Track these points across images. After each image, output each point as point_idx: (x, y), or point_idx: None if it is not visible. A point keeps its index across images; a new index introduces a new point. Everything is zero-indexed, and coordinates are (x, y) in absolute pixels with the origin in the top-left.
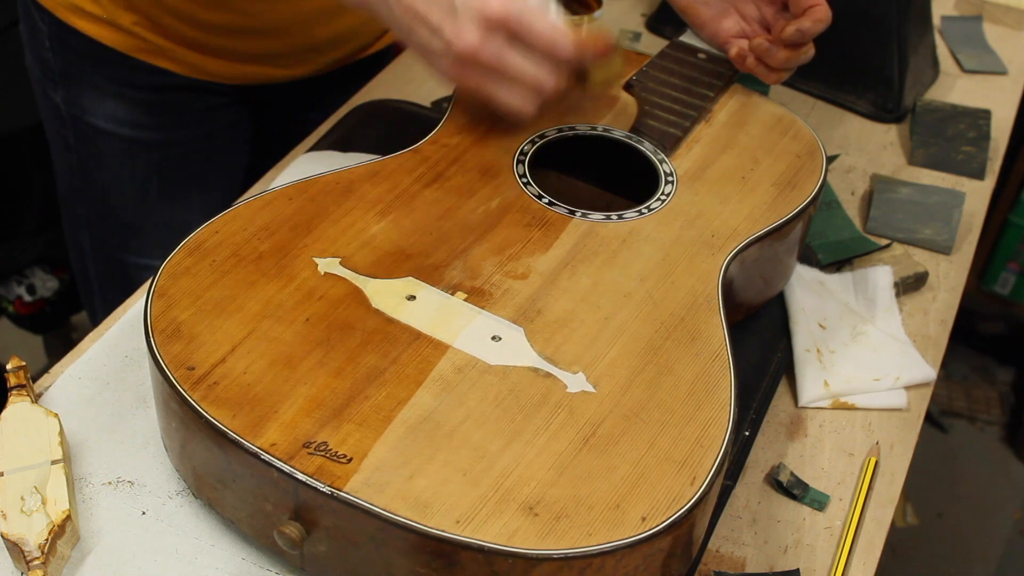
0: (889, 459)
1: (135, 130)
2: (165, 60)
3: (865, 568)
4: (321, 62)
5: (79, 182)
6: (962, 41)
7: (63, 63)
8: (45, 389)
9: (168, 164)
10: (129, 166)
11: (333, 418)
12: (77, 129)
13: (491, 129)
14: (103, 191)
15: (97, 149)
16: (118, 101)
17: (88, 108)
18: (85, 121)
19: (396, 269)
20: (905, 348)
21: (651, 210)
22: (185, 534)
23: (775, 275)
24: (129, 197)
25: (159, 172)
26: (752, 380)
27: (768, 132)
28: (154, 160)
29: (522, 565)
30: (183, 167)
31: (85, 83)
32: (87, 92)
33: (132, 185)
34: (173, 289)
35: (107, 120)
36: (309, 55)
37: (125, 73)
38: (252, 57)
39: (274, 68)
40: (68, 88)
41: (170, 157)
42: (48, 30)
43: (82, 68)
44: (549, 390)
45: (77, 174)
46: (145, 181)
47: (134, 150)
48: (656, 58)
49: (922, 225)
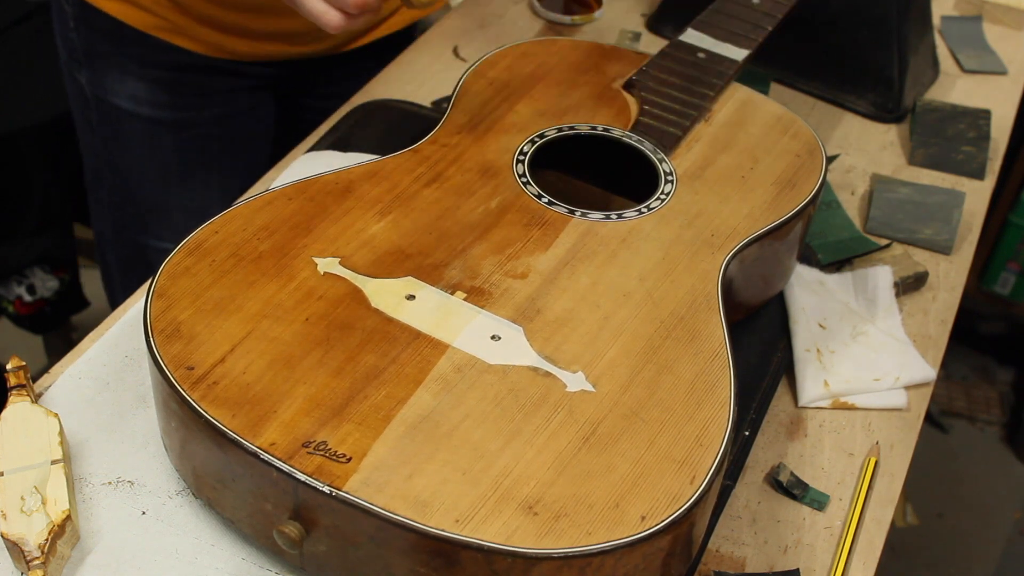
0: (889, 459)
1: (155, 109)
2: (184, 39)
3: (865, 568)
4: (339, 37)
5: (102, 164)
6: (962, 41)
7: (87, 43)
8: (45, 389)
9: (188, 146)
10: (149, 147)
11: (332, 417)
12: (100, 110)
13: (491, 129)
14: (125, 173)
15: (119, 130)
16: (139, 81)
17: (110, 88)
18: (108, 102)
19: (396, 269)
20: (905, 348)
21: (651, 209)
22: (185, 534)
23: (775, 275)
24: (149, 179)
25: (179, 154)
26: (752, 380)
27: (768, 131)
28: (174, 141)
29: (522, 564)
30: (202, 150)
31: (108, 63)
32: (110, 72)
33: (152, 166)
34: (173, 289)
35: (128, 100)
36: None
37: (146, 52)
38: (270, 35)
39: (292, 46)
40: (92, 68)
41: (190, 139)
42: (72, 11)
43: (104, 48)
44: (548, 389)
45: (101, 156)
46: (165, 163)
47: (154, 131)
48: (656, 58)
49: (922, 225)
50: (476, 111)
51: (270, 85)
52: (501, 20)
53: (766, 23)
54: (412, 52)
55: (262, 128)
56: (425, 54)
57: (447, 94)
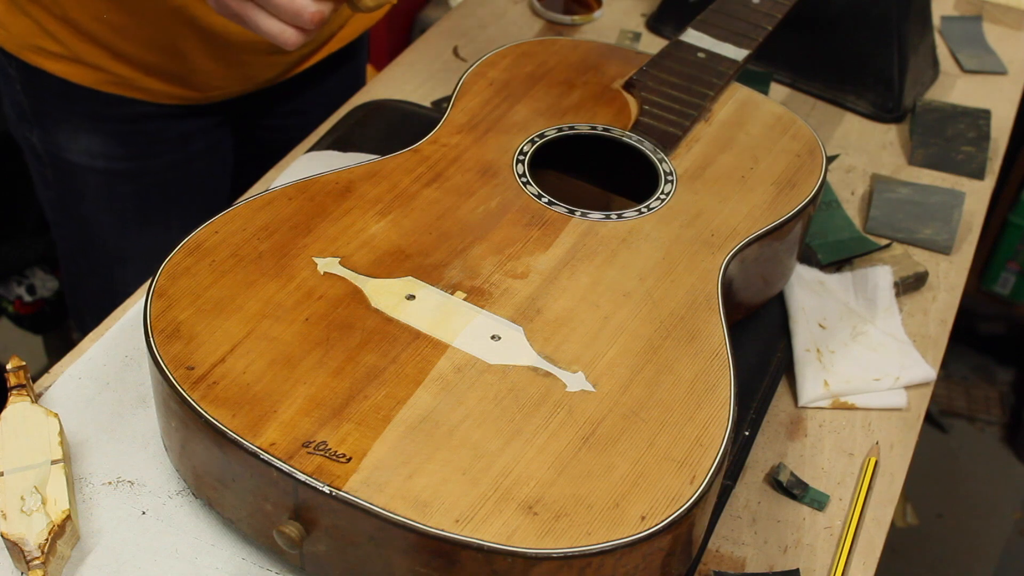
0: (889, 459)
1: (111, 162)
2: (133, 90)
3: (865, 568)
4: (288, 65)
5: (60, 217)
6: (962, 41)
7: (36, 103)
8: (45, 389)
9: (146, 193)
10: (107, 198)
11: (332, 417)
12: (55, 166)
13: (491, 129)
14: (84, 224)
15: (75, 184)
16: (92, 135)
17: (63, 145)
18: (61, 158)
19: (395, 269)
20: (905, 348)
21: (651, 209)
22: (185, 534)
23: (775, 274)
24: (109, 228)
25: (136, 200)
26: (752, 380)
27: (768, 131)
28: (132, 190)
29: (521, 564)
30: (161, 194)
31: (58, 121)
32: (61, 129)
33: (111, 216)
34: (173, 289)
35: (82, 155)
36: (267, 58)
37: (96, 107)
38: (222, 79)
39: (243, 85)
40: (43, 127)
41: (148, 185)
42: (18, 75)
43: (54, 106)
44: (548, 389)
45: (58, 210)
46: (123, 211)
47: (111, 182)
48: (656, 57)
49: (922, 225)
50: (476, 111)
51: (226, 120)
52: (501, 20)
53: (766, 23)
54: (412, 52)
55: (219, 162)
56: (425, 54)
57: (447, 94)
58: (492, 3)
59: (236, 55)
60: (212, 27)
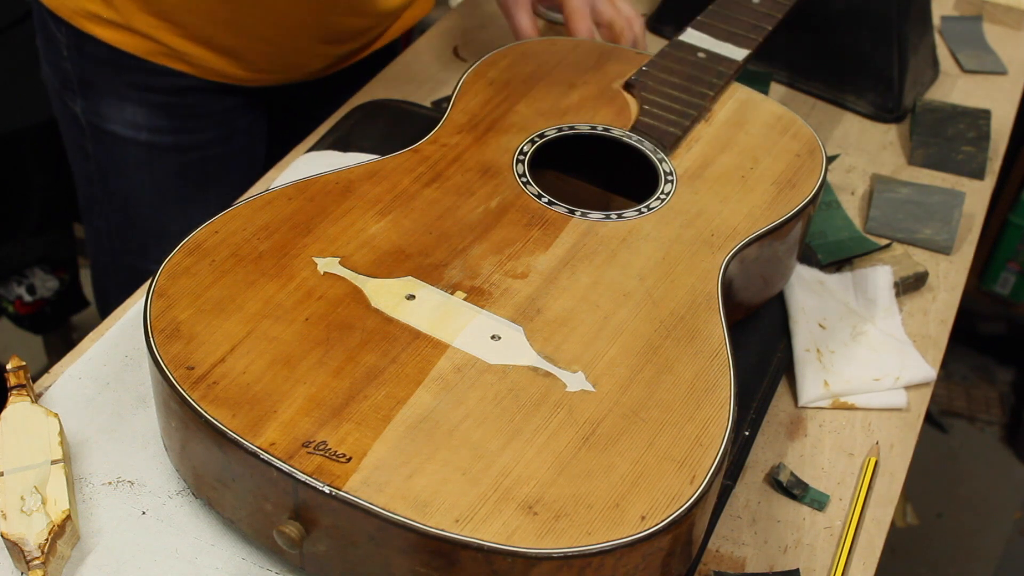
0: (889, 459)
1: (153, 135)
2: (182, 63)
3: (865, 568)
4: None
5: (99, 192)
6: (962, 41)
7: (82, 72)
8: (45, 389)
9: (187, 168)
10: (148, 171)
11: (332, 417)
12: (96, 138)
13: (491, 129)
14: (123, 199)
15: (116, 156)
16: (137, 106)
17: (107, 115)
18: (104, 129)
19: (395, 268)
20: (905, 348)
21: (651, 209)
22: (185, 534)
23: (775, 274)
24: (148, 203)
25: (178, 176)
26: (752, 380)
27: (768, 131)
28: (173, 164)
29: (521, 564)
30: (201, 170)
31: (104, 90)
32: (106, 99)
33: (151, 191)
34: (173, 289)
35: (126, 126)
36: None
37: (143, 77)
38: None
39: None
40: (87, 96)
41: (189, 161)
42: (66, 40)
43: (100, 75)
44: (548, 389)
45: (97, 184)
46: (164, 186)
47: (153, 155)
48: (656, 57)
49: (922, 225)
50: (476, 111)
51: (266, 108)
52: (501, 20)
53: (766, 23)
54: (412, 52)
55: (257, 143)
56: (425, 54)
57: (447, 94)
58: (492, 3)
59: (292, 39)
60: (277, 3)
